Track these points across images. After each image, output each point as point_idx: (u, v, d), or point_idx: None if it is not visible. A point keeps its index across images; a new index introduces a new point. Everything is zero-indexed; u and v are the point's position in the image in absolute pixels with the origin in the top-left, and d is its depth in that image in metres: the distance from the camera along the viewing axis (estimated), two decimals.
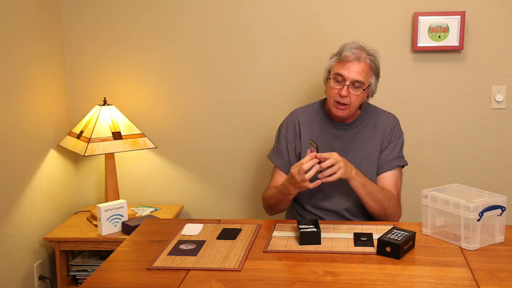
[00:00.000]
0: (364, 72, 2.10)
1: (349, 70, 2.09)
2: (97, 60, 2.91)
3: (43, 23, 2.71)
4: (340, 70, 2.11)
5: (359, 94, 2.12)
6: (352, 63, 2.09)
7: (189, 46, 2.86)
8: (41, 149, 2.70)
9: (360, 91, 2.11)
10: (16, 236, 2.49)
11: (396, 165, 2.22)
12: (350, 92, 2.10)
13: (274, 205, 2.22)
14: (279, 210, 2.26)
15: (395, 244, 1.72)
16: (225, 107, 2.90)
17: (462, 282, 1.56)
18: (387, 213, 2.14)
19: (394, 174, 2.21)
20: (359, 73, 2.09)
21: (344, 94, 2.09)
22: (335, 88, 2.12)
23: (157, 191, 3.01)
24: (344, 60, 2.10)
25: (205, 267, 1.70)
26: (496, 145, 2.80)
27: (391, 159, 2.21)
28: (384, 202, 2.12)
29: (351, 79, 2.09)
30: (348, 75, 2.09)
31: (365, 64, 2.11)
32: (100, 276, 1.70)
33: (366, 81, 2.12)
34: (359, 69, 2.09)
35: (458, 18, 2.65)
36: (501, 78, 2.74)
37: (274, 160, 2.30)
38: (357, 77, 2.09)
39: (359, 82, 2.10)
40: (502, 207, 1.79)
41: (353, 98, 2.11)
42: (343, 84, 2.10)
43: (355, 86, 2.10)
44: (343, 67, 2.10)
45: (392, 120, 2.26)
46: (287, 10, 2.77)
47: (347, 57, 2.10)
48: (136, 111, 2.92)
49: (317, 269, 1.67)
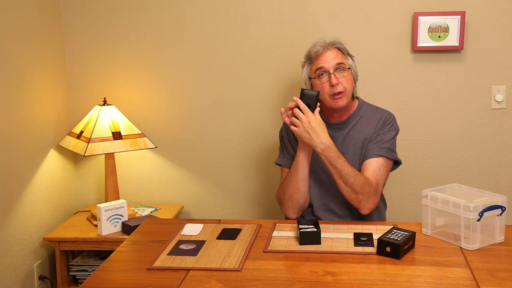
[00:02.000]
0: (339, 55, 2.18)
1: (326, 59, 2.16)
2: (97, 60, 2.91)
3: (43, 23, 2.71)
4: (318, 65, 2.16)
5: (346, 76, 2.16)
6: (324, 54, 2.16)
7: (189, 46, 2.86)
8: (41, 149, 2.70)
9: (346, 72, 2.16)
10: (16, 236, 2.49)
11: (379, 154, 2.15)
12: (338, 78, 2.14)
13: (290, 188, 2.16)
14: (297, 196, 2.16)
15: (395, 244, 1.72)
16: (225, 107, 2.90)
17: (462, 282, 1.56)
18: (359, 198, 2.08)
19: (376, 162, 2.15)
20: (335, 58, 2.16)
21: (334, 82, 2.13)
22: (324, 82, 2.16)
23: (157, 191, 3.01)
24: (316, 56, 2.17)
25: (205, 267, 1.70)
26: (496, 145, 2.80)
27: (375, 147, 2.17)
28: (355, 186, 2.06)
29: (333, 65, 2.15)
30: (328, 64, 2.15)
31: (335, 49, 2.19)
32: (100, 276, 1.70)
33: (346, 62, 2.18)
34: (333, 54, 2.17)
35: (458, 18, 2.65)
36: (501, 78, 2.74)
37: (281, 161, 2.30)
38: (336, 60, 2.15)
39: (340, 64, 2.16)
40: (502, 207, 1.79)
41: (344, 82, 2.15)
42: (328, 74, 2.15)
43: (339, 70, 2.15)
44: (319, 61, 2.16)
45: (385, 115, 2.25)
46: (287, 10, 2.77)
47: (317, 52, 2.17)
48: (136, 111, 2.92)
49: (317, 269, 1.67)
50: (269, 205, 2.95)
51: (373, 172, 2.13)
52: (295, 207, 2.20)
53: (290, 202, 2.19)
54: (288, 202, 2.20)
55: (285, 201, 2.21)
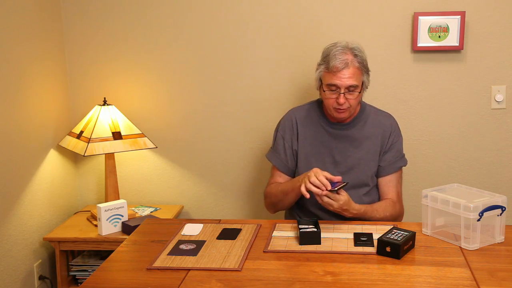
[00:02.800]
0: (355, 76, 2.09)
1: (341, 79, 2.08)
2: (97, 60, 2.91)
3: (43, 23, 2.71)
4: (332, 81, 2.09)
5: (356, 96, 2.12)
6: (342, 72, 2.07)
7: (189, 46, 2.86)
8: (41, 149, 2.70)
9: (356, 94, 2.12)
10: (16, 236, 2.49)
11: (399, 167, 2.25)
12: (347, 98, 2.10)
13: (279, 201, 2.23)
14: (283, 207, 2.28)
15: (395, 244, 1.72)
16: (225, 107, 2.90)
17: (462, 282, 1.56)
18: (390, 219, 2.18)
19: (396, 176, 2.25)
20: (351, 78, 2.08)
21: (341, 102, 2.10)
22: (331, 98, 2.13)
23: (157, 191, 3.01)
24: (333, 71, 2.08)
25: (205, 267, 1.70)
26: (496, 145, 2.80)
27: (394, 161, 2.24)
28: (386, 214, 2.17)
29: (345, 86, 2.09)
30: (341, 83, 2.08)
31: (354, 68, 2.09)
32: (100, 276, 1.70)
33: (359, 83, 2.12)
34: (350, 74, 2.08)
35: (458, 18, 2.65)
36: (501, 78, 2.74)
37: (272, 159, 2.32)
38: (350, 82, 2.08)
39: (353, 86, 2.10)
40: (502, 207, 1.79)
41: (351, 101, 2.13)
42: (338, 93, 2.10)
43: (350, 91, 2.11)
44: (334, 77, 2.09)
45: (390, 121, 2.28)
46: (286, 10, 2.77)
47: (336, 67, 2.07)
48: (136, 111, 2.92)
49: (317, 269, 1.67)
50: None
51: (394, 188, 2.24)
52: (276, 210, 2.33)
53: (272, 208, 2.32)
54: (271, 207, 2.33)
55: (268, 203, 2.32)
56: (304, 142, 2.25)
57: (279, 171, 2.28)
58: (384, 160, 2.23)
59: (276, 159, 2.29)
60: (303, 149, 2.24)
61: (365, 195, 2.21)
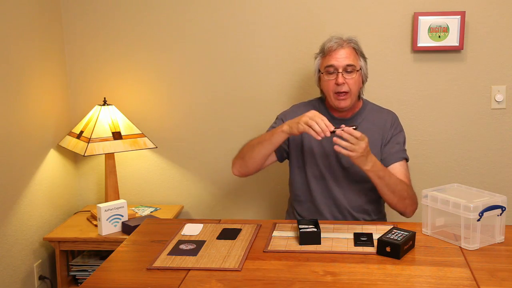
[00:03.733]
0: (352, 55, 2.16)
1: (337, 58, 2.14)
2: (97, 60, 2.92)
3: (43, 23, 2.71)
4: (329, 62, 2.15)
5: (354, 77, 2.15)
6: (338, 51, 2.15)
7: (189, 46, 2.86)
8: (41, 149, 2.70)
9: (354, 74, 2.15)
10: (16, 236, 2.49)
11: (402, 157, 2.22)
12: (345, 78, 2.13)
13: (249, 150, 2.19)
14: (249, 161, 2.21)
15: (395, 244, 1.72)
16: (225, 107, 2.90)
17: (462, 282, 1.56)
18: (406, 203, 2.13)
19: (402, 165, 2.21)
20: (347, 58, 2.14)
21: (340, 81, 2.12)
22: (330, 79, 2.15)
23: (157, 191, 3.01)
24: (329, 52, 2.16)
25: (205, 267, 1.70)
26: (496, 145, 2.80)
27: (396, 151, 2.21)
28: (403, 193, 2.11)
29: (342, 65, 2.13)
30: (338, 63, 2.14)
31: (350, 48, 2.16)
32: (100, 276, 1.70)
33: (357, 64, 2.16)
34: (346, 53, 2.15)
35: (458, 18, 2.65)
36: (501, 78, 2.74)
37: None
38: (347, 61, 2.14)
39: (351, 66, 2.14)
40: (502, 207, 1.79)
41: (351, 83, 2.14)
42: (336, 73, 2.14)
43: (348, 71, 2.14)
44: (331, 58, 2.15)
45: (391, 116, 2.28)
46: (286, 9, 2.77)
47: (331, 47, 2.15)
48: (136, 111, 2.92)
49: (317, 269, 1.67)
50: (269, 205, 2.95)
51: (405, 176, 2.19)
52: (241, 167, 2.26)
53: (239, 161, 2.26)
54: (237, 162, 2.27)
55: (236, 159, 2.28)
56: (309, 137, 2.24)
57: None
58: (384, 152, 2.21)
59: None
60: (309, 143, 2.24)
61: (371, 190, 2.20)
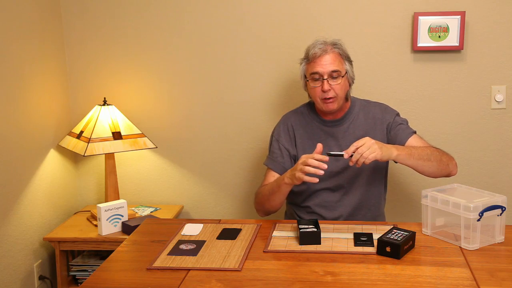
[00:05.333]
0: (337, 61, 2.15)
1: (322, 64, 2.13)
2: (97, 60, 2.91)
3: (43, 23, 2.71)
4: (313, 69, 2.15)
5: (340, 83, 2.15)
6: (322, 57, 2.14)
7: (189, 46, 2.86)
8: (41, 149, 2.70)
9: (339, 80, 2.15)
10: (16, 236, 2.49)
11: (412, 132, 2.21)
12: (331, 85, 2.13)
13: (266, 200, 2.19)
14: (270, 208, 2.22)
15: (395, 244, 1.72)
16: (225, 107, 2.90)
17: (462, 282, 1.56)
18: (445, 162, 2.12)
19: (415, 138, 2.19)
20: (332, 64, 2.14)
21: (326, 88, 2.13)
22: (316, 86, 2.16)
23: (157, 191, 3.01)
24: (313, 58, 2.15)
25: (205, 267, 1.70)
26: (496, 145, 2.80)
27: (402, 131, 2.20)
28: (436, 155, 2.09)
29: (327, 71, 2.13)
30: (323, 70, 2.13)
31: (334, 54, 2.15)
32: (100, 276, 1.70)
33: (342, 69, 2.16)
34: (330, 59, 2.14)
35: (458, 18, 2.65)
36: (501, 78, 2.74)
37: (268, 163, 2.30)
38: (332, 67, 2.13)
39: (335, 71, 2.14)
40: (502, 207, 1.79)
41: (337, 89, 2.14)
42: (321, 80, 2.14)
43: (334, 77, 2.14)
44: (315, 65, 2.14)
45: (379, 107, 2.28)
46: (286, 10, 2.77)
47: (315, 54, 2.14)
48: (136, 111, 2.92)
49: (317, 269, 1.67)
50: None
51: (423, 144, 2.16)
52: (265, 212, 2.27)
53: (260, 209, 2.27)
54: (259, 208, 2.27)
55: (256, 204, 2.28)
56: (302, 145, 2.26)
57: (273, 172, 2.27)
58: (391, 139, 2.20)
59: (272, 163, 2.28)
60: (302, 151, 2.24)
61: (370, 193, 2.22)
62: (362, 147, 1.94)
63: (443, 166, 2.12)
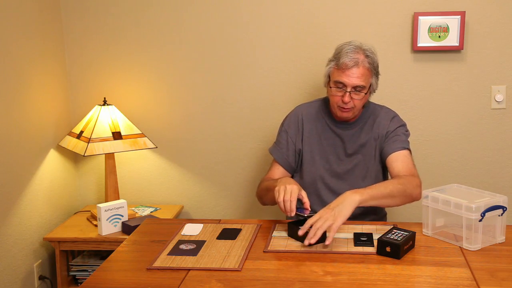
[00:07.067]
0: (364, 76, 2.08)
1: (349, 77, 2.07)
2: (97, 60, 2.91)
3: (43, 23, 2.71)
4: (340, 78, 2.08)
5: (362, 97, 2.11)
6: (351, 70, 2.06)
7: (189, 46, 2.86)
8: (41, 149, 2.70)
9: (362, 95, 2.10)
10: (16, 236, 2.49)
11: (402, 147, 2.14)
12: (352, 97, 2.09)
13: (263, 195, 2.22)
14: (267, 203, 2.24)
15: (395, 244, 1.72)
16: (225, 107, 2.90)
17: (462, 282, 1.56)
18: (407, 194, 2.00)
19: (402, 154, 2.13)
20: (359, 78, 2.07)
21: (346, 101, 2.09)
22: (337, 95, 2.11)
23: (157, 191, 3.01)
24: (342, 68, 2.07)
25: (205, 267, 1.70)
26: (496, 145, 2.80)
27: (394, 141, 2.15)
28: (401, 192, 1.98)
29: (352, 84, 2.07)
30: (349, 82, 2.07)
31: (364, 68, 2.08)
32: (100, 276, 1.70)
33: (367, 84, 2.10)
34: (359, 73, 2.07)
35: (458, 18, 2.65)
36: (501, 78, 2.74)
37: (273, 152, 2.30)
38: (358, 82, 2.07)
39: (360, 87, 2.08)
40: (504, 207, 1.79)
41: (356, 102, 2.11)
42: (344, 91, 2.09)
43: (357, 91, 2.09)
44: (343, 75, 2.08)
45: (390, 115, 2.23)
46: (287, 10, 2.77)
47: (346, 64, 2.06)
48: (136, 111, 2.92)
49: (317, 269, 1.67)
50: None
51: (402, 162, 2.10)
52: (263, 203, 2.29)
53: (260, 200, 2.29)
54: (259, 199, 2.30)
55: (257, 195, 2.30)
56: (309, 139, 2.25)
57: (277, 164, 2.27)
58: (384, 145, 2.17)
59: (277, 152, 2.28)
60: (308, 146, 2.24)
61: None
62: (317, 222, 1.79)
63: (406, 199, 2.01)
